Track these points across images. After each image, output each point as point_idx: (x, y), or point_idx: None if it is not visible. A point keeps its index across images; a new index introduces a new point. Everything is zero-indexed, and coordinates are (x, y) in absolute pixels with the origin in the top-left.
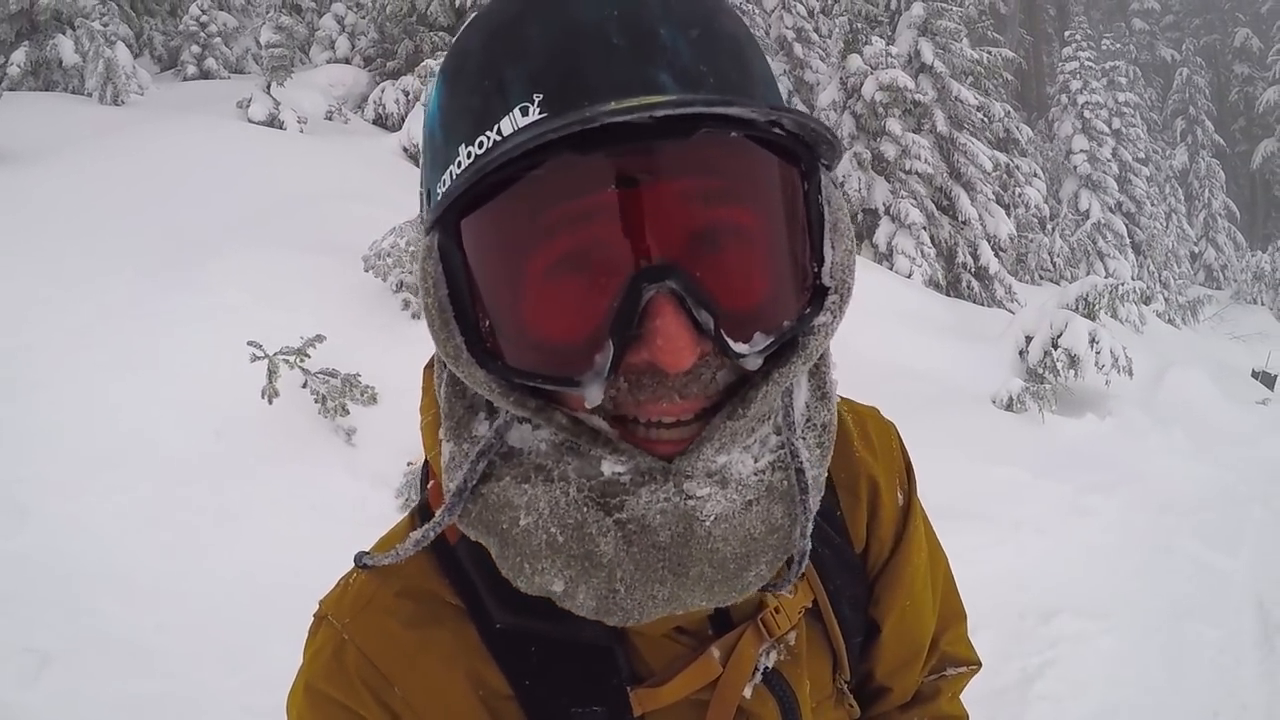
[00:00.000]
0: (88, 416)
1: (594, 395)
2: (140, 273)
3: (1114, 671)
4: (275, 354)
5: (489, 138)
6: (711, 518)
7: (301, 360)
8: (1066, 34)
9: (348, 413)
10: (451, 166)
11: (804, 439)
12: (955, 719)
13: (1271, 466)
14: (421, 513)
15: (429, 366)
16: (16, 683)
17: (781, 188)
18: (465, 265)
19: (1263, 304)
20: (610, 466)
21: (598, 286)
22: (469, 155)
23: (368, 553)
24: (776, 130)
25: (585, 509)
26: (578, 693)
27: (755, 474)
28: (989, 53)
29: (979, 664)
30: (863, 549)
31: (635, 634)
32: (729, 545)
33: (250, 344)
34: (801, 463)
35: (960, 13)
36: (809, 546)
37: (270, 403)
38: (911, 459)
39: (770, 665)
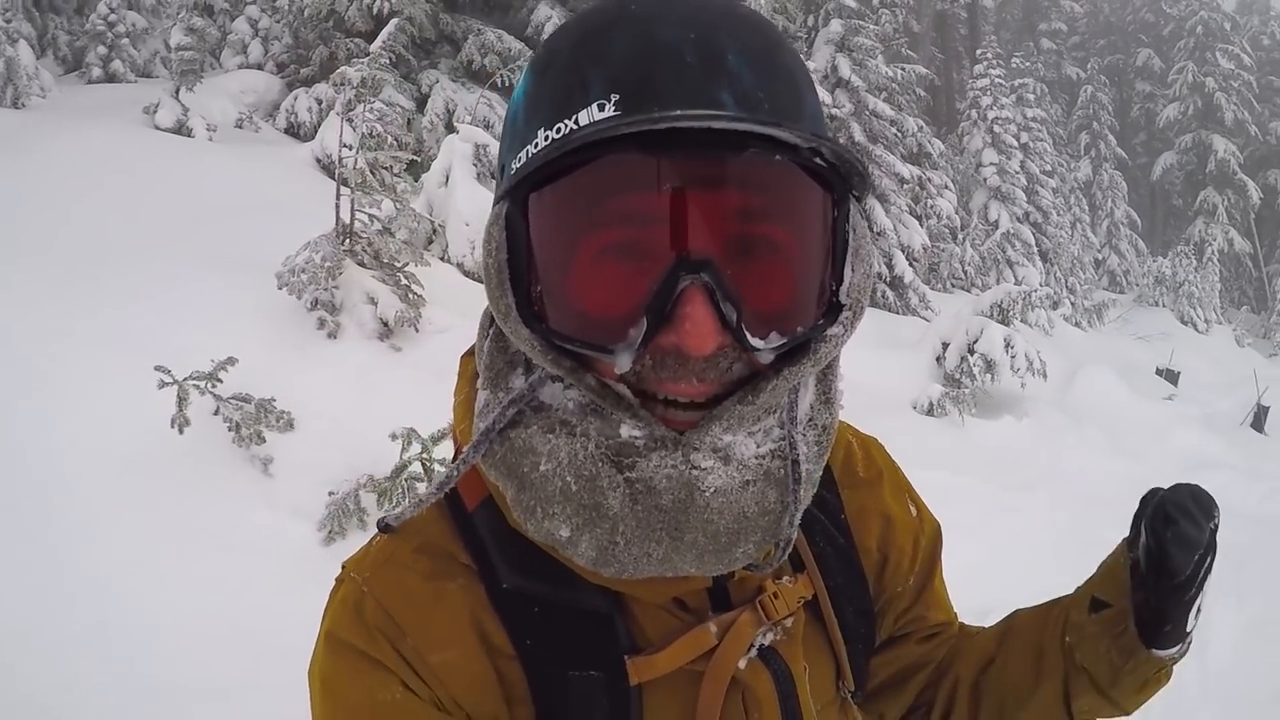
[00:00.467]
0: None
1: (623, 363)
2: (36, 292)
3: None
4: (185, 379)
5: (566, 125)
6: (711, 489)
7: (213, 385)
8: (978, 52)
9: (264, 440)
10: (529, 146)
11: (805, 435)
12: None
13: (1182, 457)
14: (449, 495)
15: (467, 354)
16: None
17: (814, 211)
18: (527, 235)
19: (1164, 306)
20: (628, 430)
21: (641, 270)
22: (546, 138)
23: (389, 515)
24: (817, 159)
25: (600, 464)
26: (577, 657)
27: (756, 457)
28: (903, 69)
29: None
30: (881, 560)
31: (635, 603)
32: (723, 519)
33: (158, 369)
34: (799, 455)
35: (876, 30)
36: (795, 535)
37: (181, 432)
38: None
39: (766, 643)
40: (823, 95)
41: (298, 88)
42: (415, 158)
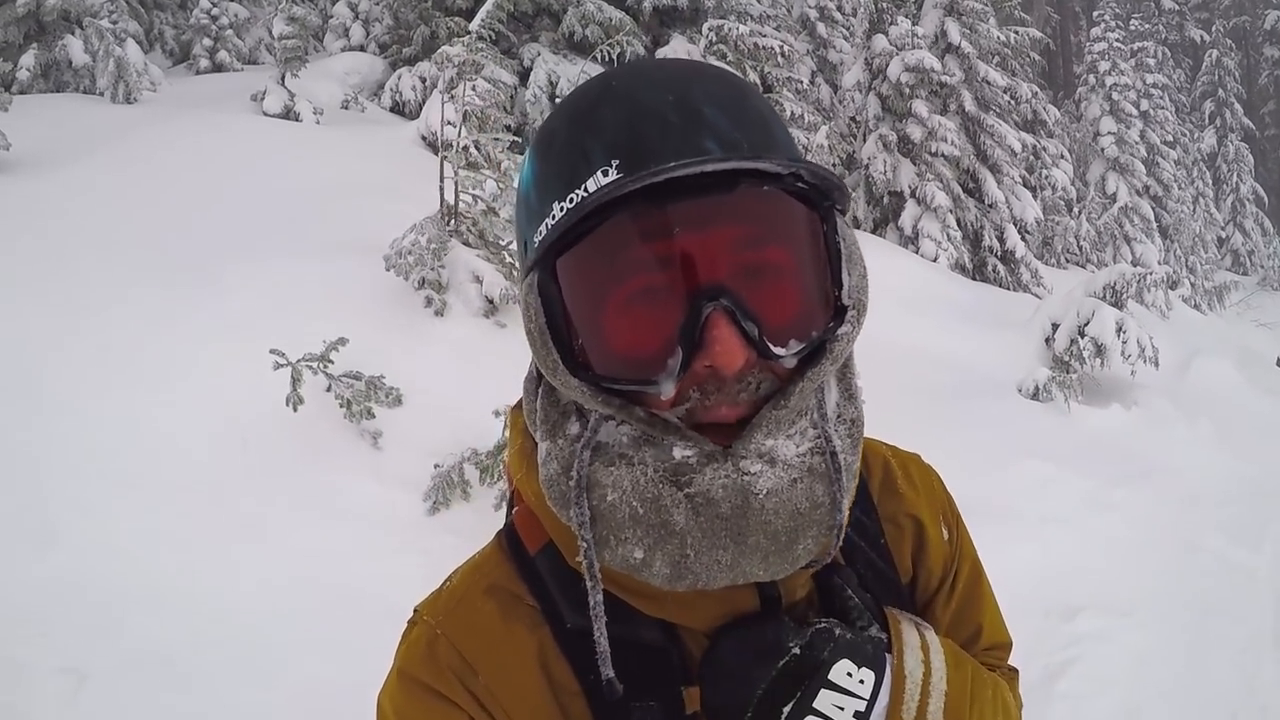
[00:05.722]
0: (113, 435)
1: (668, 389)
2: (159, 283)
3: (1136, 670)
4: (298, 361)
5: (578, 194)
6: (764, 492)
7: (325, 365)
8: (1095, 14)
9: (373, 416)
10: (547, 219)
11: (836, 430)
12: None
13: None
14: (508, 536)
15: (516, 406)
16: (55, 703)
17: (806, 229)
18: (560, 296)
19: None
20: (680, 451)
21: (668, 307)
22: (562, 209)
23: None
24: (799, 183)
25: (661, 485)
26: (637, 689)
27: (798, 456)
28: (1016, 33)
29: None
30: (910, 579)
31: (687, 633)
32: (779, 518)
33: (273, 352)
34: (835, 448)
35: None
36: (845, 521)
37: (295, 410)
38: (948, 488)
39: None
40: (932, 62)
41: (401, 67)
42: (517, 138)
